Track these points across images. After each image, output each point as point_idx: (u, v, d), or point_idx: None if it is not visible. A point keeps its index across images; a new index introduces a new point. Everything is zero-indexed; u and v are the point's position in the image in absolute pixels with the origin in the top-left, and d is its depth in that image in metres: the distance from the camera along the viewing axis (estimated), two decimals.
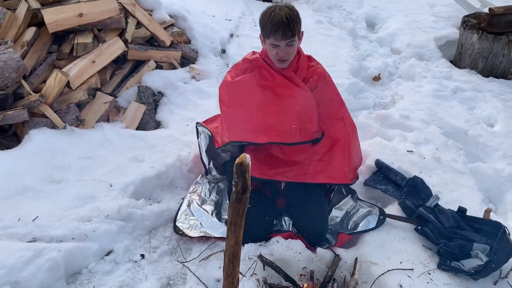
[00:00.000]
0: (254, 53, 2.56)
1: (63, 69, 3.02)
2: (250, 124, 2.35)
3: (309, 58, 2.58)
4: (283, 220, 2.52)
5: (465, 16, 4.67)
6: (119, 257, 2.27)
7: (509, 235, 2.25)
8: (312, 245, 2.34)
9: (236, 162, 1.18)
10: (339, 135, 2.50)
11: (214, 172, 2.80)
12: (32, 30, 3.12)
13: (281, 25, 2.20)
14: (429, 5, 5.89)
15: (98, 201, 2.44)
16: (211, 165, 2.80)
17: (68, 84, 2.95)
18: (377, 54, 4.84)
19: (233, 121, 2.41)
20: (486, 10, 4.70)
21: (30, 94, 2.82)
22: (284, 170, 2.42)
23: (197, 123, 2.75)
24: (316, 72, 2.51)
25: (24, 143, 2.71)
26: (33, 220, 2.26)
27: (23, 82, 2.84)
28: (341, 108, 2.57)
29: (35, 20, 3.20)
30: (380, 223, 2.42)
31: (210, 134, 2.64)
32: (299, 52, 2.47)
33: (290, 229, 2.45)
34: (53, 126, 2.83)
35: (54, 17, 3.08)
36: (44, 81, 2.96)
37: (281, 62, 2.37)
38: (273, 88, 2.40)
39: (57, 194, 2.46)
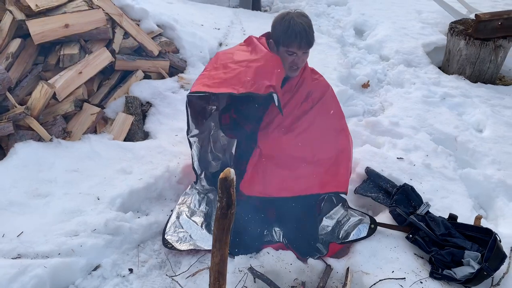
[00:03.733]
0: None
1: (49, 81, 2.98)
2: (212, 81, 2.31)
3: (313, 70, 2.60)
4: (273, 230, 2.50)
5: (452, 22, 4.71)
6: (107, 272, 2.22)
7: (500, 242, 2.24)
8: (303, 255, 2.31)
9: (220, 177, 1.16)
10: (343, 146, 2.50)
11: (204, 182, 2.77)
12: (17, 42, 3.08)
13: (304, 34, 2.24)
14: (417, 11, 5.94)
15: (85, 215, 2.40)
16: (202, 175, 2.78)
17: (54, 96, 2.90)
18: (365, 61, 4.86)
19: (200, 79, 2.37)
20: (472, 16, 4.74)
21: (16, 107, 2.77)
22: (289, 186, 2.39)
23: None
24: (320, 85, 2.54)
25: (9, 156, 2.66)
26: (18, 236, 2.21)
27: (8, 94, 2.79)
28: (341, 121, 2.58)
29: (21, 31, 3.16)
30: (371, 232, 2.40)
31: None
32: (305, 64, 2.48)
33: (281, 240, 2.43)
34: (39, 139, 2.79)
35: (39, 29, 3.04)
36: (30, 93, 2.92)
37: (294, 70, 2.39)
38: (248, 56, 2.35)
39: (43, 208, 2.41)
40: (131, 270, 2.25)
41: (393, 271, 2.19)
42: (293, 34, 2.23)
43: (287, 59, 2.34)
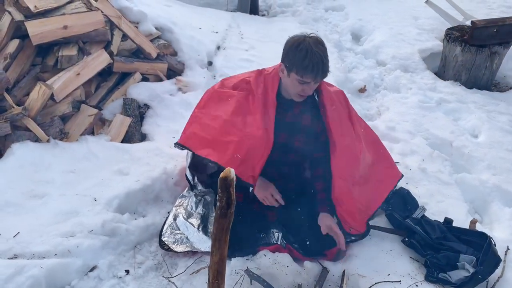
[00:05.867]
0: (260, 73, 2.43)
1: (47, 82, 2.98)
2: (203, 134, 2.35)
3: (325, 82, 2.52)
4: (271, 232, 2.50)
5: (448, 28, 4.74)
6: (103, 273, 2.21)
7: (495, 245, 2.26)
8: (310, 255, 2.32)
9: (220, 176, 1.17)
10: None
11: (199, 187, 2.77)
12: (15, 43, 3.08)
13: (321, 65, 2.12)
14: (413, 17, 5.97)
15: (81, 216, 2.39)
16: (196, 180, 2.77)
17: (52, 97, 2.90)
18: (362, 66, 4.88)
19: (192, 124, 2.42)
20: (468, 23, 4.79)
21: (13, 107, 2.77)
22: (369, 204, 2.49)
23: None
24: (340, 93, 2.53)
25: (6, 157, 2.66)
26: (14, 236, 2.20)
27: (5, 95, 2.79)
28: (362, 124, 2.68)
29: (19, 32, 3.15)
30: (366, 233, 2.41)
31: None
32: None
33: (278, 242, 2.43)
34: (36, 140, 2.78)
35: (38, 29, 3.04)
36: (28, 94, 2.92)
37: (300, 97, 2.30)
38: (245, 114, 2.33)
39: (39, 209, 2.41)
40: (127, 272, 2.25)
41: (389, 274, 2.21)
42: (310, 65, 2.09)
43: (296, 87, 2.22)
